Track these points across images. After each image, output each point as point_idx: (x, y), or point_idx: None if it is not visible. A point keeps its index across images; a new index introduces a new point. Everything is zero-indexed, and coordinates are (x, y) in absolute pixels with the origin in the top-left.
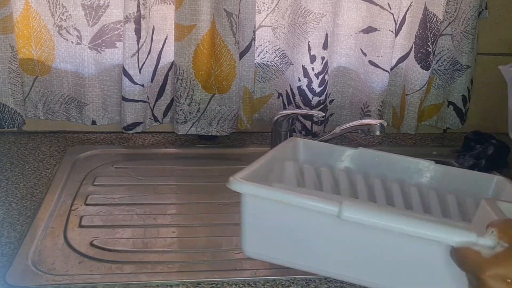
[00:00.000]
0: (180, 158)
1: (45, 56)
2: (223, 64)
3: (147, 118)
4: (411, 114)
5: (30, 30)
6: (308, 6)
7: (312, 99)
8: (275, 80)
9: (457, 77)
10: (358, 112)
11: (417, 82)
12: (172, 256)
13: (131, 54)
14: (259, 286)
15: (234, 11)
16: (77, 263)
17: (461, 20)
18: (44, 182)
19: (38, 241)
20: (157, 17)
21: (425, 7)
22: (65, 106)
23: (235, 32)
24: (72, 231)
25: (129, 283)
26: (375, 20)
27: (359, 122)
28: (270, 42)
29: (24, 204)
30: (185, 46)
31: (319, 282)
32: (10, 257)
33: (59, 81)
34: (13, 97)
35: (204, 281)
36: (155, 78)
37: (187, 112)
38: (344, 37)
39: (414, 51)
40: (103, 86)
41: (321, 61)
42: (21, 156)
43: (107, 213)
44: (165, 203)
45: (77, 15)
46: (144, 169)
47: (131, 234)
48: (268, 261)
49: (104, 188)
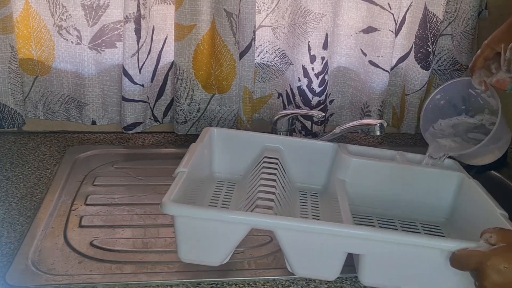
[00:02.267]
0: (180, 158)
1: (45, 56)
2: (223, 64)
3: (147, 118)
4: (411, 114)
5: (30, 30)
6: (308, 6)
7: (312, 99)
8: (275, 80)
9: (457, 77)
10: (358, 112)
11: (417, 82)
12: (172, 256)
13: (131, 54)
14: (259, 286)
15: (234, 11)
16: (77, 263)
17: (461, 20)
18: (44, 182)
19: (38, 241)
20: (157, 17)
21: (425, 7)
22: (65, 106)
23: (235, 32)
24: (72, 231)
25: (129, 283)
26: (375, 20)
27: (359, 122)
28: (270, 42)
29: (24, 204)
30: (185, 46)
31: (319, 282)
32: (10, 257)
33: (59, 81)
34: (13, 97)
35: (204, 281)
36: (155, 78)
37: (187, 112)
38: (344, 37)
39: (414, 51)
40: (103, 86)
41: (321, 61)
42: (21, 156)
43: (107, 213)
44: None
45: (77, 15)
46: (144, 169)
47: (131, 234)
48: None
49: (104, 188)
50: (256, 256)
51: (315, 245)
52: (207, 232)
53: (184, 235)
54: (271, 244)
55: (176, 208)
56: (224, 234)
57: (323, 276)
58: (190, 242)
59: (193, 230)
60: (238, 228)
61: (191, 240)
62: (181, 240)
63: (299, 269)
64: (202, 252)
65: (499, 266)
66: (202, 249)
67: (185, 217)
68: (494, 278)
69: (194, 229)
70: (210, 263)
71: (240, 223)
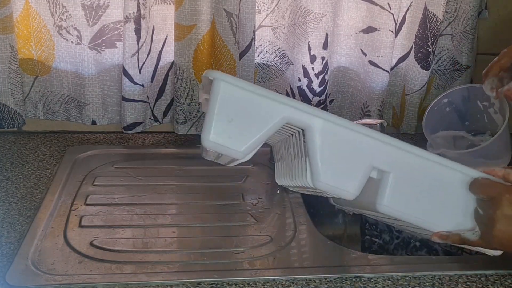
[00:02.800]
0: (180, 158)
1: (45, 56)
2: (223, 64)
3: (147, 118)
4: (411, 114)
5: (30, 30)
6: (308, 6)
7: (312, 99)
8: (275, 80)
9: (457, 77)
10: (358, 112)
11: (417, 82)
12: (172, 256)
13: (131, 54)
14: (259, 286)
15: (234, 11)
16: (77, 263)
17: (461, 20)
18: (44, 182)
19: (38, 241)
20: (157, 17)
21: (425, 7)
22: (65, 106)
23: (235, 32)
24: (72, 231)
25: (129, 283)
26: (375, 20)
27: (359, 122)
28: (270, 42)
29: (24, 204)
30: (185, 46)
31: (319, 282)
32: (10, 257)
33: (59, 81)
34: (13, 97)
35: (204, 281)
36: (155, 78)
37: (187, 112)
38: (344, 37)
39: (414, 51)
40: (103, 86)
41: (321, 61)
42: (21, 156)
43: (107, 213)
44: (165, 203)
45: (77, 15)
46: (144, 169)
47: (131, 234)
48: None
49: (104, 188)
50: (256, 256)
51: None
52: (244, 109)
53: (220, 109)
54: (271, 244)
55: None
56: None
57: (345, 188)
58: (223, 120)
59: (231, 105)
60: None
61: (224, 117)
62: (214, 115)
63: (323, 176)
64: (231, 135)
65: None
66: (232, 131)
67: (228, 84)
68: (506, 209)
69: (232, 104)
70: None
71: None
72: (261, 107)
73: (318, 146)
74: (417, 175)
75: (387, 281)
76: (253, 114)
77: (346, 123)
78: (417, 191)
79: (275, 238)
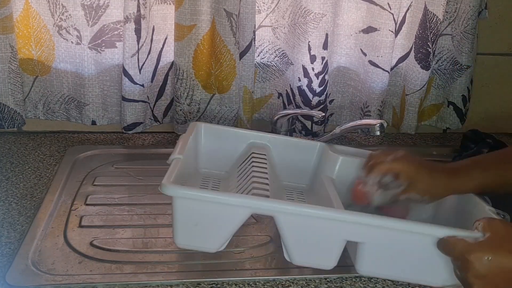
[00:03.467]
0: None
1: (45, 56)
2: (223, 64)
3: (147, 118)
4: (411, 114)
5: (30, 30)
6: (308, 6)
7: (312, 99)
8: (275, 80)
9: (457, 77)
10: (358, 112)
11: (417, 82)
12: (172, 256)
13: (131, 54)
14: (259, 286)
15: (234, 11)
16: (77, 263)
17: (461, 20)
18: (44, 182)
19: (38, 241)
20: (157, 17)
21: (425, 7)
22: (65, 106)
23: (235, 32)
24: (72, 231)
25: (129, 283)
26: (375, 20)
27: (359, 122)
28: (270, 42)
29: (24, 204)
30: (185, 46)
31: (319, 282)
32: (10, 257)
33: (59, 81)
34: (13, 97)
35: (204, 281)
36: (155, 78)
37: (187, 112)
38: (344, 37)
39: (414, 51)
40: (103, 86)
41: (321, 61)
42: (21, 156)
43: (107, 213)
44: (165, 203)
45: (77, 15)
46: (144, 169)
47: (131, 234)
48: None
49: (104, 188)
50: (256, 256)
51: (316, 232)
52: (206, 215)
53: (182, 218)
54: (271, 244)
55: (177, 189)
56: (224, 218)
57: (322, 264)
58: (188, 226)
59: (192, 213)
60: (239, 211)
61: (189, 224)
62: (178, 224)
63: (298, 257)
64: (199, 237)
65: (483, 257)
66: (199, 234)
67: (185, 199)
68: (477, 270)
69: (193, 212)
70: (206, 250)
71: (241, 206)
72: (224, 211)
73: (287, 232)
74: (390, 243)
75: (387, 281)
76: (217, 218)
77: (310, 211)
78: (395, 255)
79: (275, 238)
